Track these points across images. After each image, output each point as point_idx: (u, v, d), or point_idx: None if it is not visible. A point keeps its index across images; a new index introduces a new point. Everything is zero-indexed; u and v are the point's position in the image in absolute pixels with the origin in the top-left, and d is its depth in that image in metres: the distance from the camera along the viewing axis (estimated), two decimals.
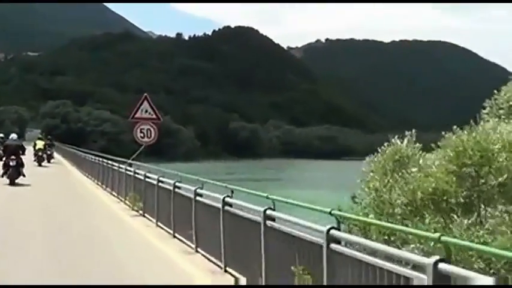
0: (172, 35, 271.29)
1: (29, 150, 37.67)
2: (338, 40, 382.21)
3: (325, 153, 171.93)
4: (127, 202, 19.30)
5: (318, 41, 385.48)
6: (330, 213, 6.39)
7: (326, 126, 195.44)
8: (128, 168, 20.88)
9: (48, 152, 45.43)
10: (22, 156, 27.14)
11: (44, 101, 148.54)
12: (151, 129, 21.14)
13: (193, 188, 11.62)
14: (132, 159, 21.72)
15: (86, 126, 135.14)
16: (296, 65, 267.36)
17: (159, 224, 14.85)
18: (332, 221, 6.28)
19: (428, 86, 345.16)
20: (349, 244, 6.07)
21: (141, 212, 17.17)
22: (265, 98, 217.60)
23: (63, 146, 68.64)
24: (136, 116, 21.02)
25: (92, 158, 33.98)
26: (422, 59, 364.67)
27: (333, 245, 6.04)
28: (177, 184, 13.29)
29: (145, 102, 21.29)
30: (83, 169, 37.22)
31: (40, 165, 41.15)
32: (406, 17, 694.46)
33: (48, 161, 44.72)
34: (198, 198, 11.31)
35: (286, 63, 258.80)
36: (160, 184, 14.88)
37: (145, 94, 22.08)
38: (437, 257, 4.57)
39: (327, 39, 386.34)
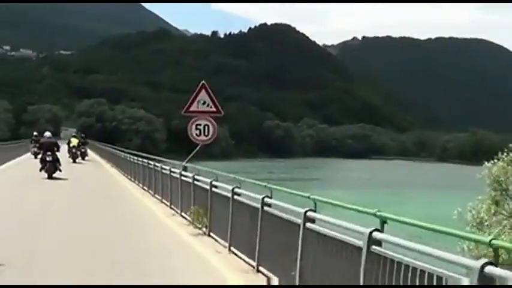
0: (208, 33, 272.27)
1: (64, 148, 39.89)
2: (375, 38, 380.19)
3: (357, 152, 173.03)
4: (184, 215, 16.17)
5: (354, 38, 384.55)
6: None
7: (359, 125, 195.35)
8: (184, 173, 17.05)
9: (82, 150, 47.00)
10: (57, 153, 28.87)
11: (78, 100, 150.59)
12: (210, 125, 18.08)
13: (230, 187, 11.64)
14: (187, 162, 18.18)
15: (120, 125, 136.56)
16: (331, 63, 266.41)
17: (232, 249, 11.42)
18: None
19: (462, 83, 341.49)
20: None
21: (205, 230, 13.71)
22: (300, 96, 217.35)
23: (98, 144, 69.33)
24: (192, 109, 17.98)
25: (133, 159, 31.24)
26: (457, 57, 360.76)
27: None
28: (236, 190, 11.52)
29: (203, 92, 18.14)
30: (124, 170, 35.05)
31: (74, 161, 43.02)
32: (443, 14, 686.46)
33: (83, 158, 46.48)
34: (235, 197, 11.34)
35: (322, 61, 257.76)
36: (235, 197, 11.40)
37: (203, 82, 18.68)
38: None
39: (363, 37, 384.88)
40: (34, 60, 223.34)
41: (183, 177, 17.01)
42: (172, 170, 19.16)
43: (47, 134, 31.31)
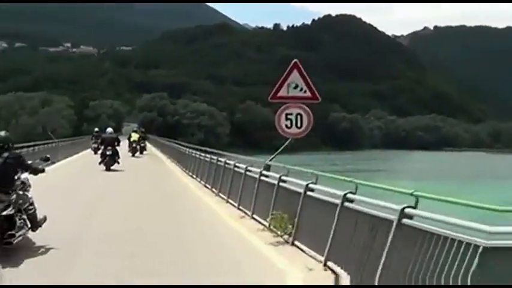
0: (269, 26, 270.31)
1: (125, 143, 44.15)
2: (447, 27, 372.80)
3: (427, 144, 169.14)
4: (257, 218, 14.24)
5: (425, 28, 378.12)
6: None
7: (430, 116, 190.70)
8: (266, 173, 14.75)
9: (142, 144, 48.85)
10: (117, 148, 31.79)
11: (139, 95, 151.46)
12: (303, 115, 15.16)
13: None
14: (272, 159, 15.56)
15: (182, 119, 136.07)
16: (402, 53, 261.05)
17: (329, 264, 9.29)
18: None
19: None
20: None
21: (287, 237, 11.50)
22: (368, 87, 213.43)
23: (159, 139, 68.28)
24: (280, 94, 15.06)
25: (194, 153, 30.12)
26: None
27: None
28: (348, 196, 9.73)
29: (295, 73, 15.17)
30: (184, 166, 33.76)
31: (133, 155, 44.69)
32: None
33: (141, 153, 47.92)
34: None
35: (391, 51, 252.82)
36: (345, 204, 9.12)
37: (295, 60, 15.38)
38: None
39: (435, 27, 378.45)
40: (95, 56, 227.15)
41: (263, 177, 14.75)
42: (249, 168, 16.69)
43: (109, 130, 34.60)
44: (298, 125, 15.10)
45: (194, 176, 27.87)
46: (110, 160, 30.42)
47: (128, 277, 8.63)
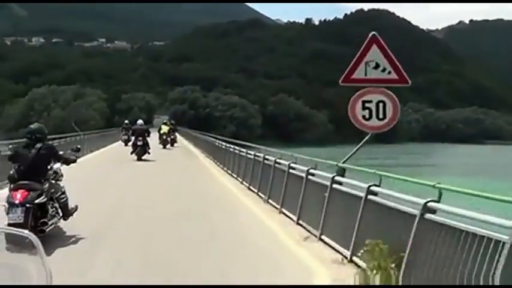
0: (301, 20, 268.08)
1: (156, 135, 44.81)
2: (484, 21, 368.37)
3: (468, 137, 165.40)
4: (329, 242, 10.67)
5: (460, 22, 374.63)
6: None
7: (471, 109, 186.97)
8: (340, 179, 11.21)
9: (172, 137, 49.31)
10: (148, 139, 33.40)
11: (171, 88, 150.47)
12: (387, 102, 11.60)
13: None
14: (345, 161, 12.14)
15: (214, 112, 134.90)
16: (437, 47, 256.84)
17: None
18: None
19: None
20: None
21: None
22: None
23: (191, 131, 67.30)
24: (355, 76, 11.57)
25: (236, 150, 25.66)
26: None
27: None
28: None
29: (374, 49, 11.66)
30: (221, 162, 30.70)
31: (164, 147, 45.30)
32: None
33: (172, 145, 48.38)
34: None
35: (427, 45, 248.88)
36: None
37: (373, 33, 12.09)
38: None
39: (471, 20, 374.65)
40: (129, 51, 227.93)
41: (336, 185, 11.18)
42: (312, 172, 13.14)
43: (140, 121, 36.20)
44: (380, 115, 11.37)
45: (234, 175, 24.32)
46: (141, 150, 32.15)
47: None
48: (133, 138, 34.12)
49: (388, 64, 11.63)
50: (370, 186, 8.75)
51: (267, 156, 18.06)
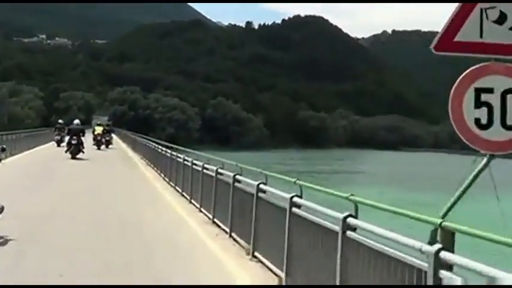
0: (242, 24, 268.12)
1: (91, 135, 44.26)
2: (404, 31, 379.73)
3: (389, 144, 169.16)
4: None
5: (384, 32, 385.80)
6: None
7: (392, 116, 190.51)
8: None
9: (107, 138, 47.97)
10: (83, 138, 34.20)
11: (112, 88, 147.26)
12: None
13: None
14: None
15: (154, 113, 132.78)
16: (364, 56, 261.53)
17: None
18: None
19: None
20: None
21: None
22: (333, 87, 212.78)
23: (129, 133, 65.57)
24: (459, 38, 5.83)
25: (187, 162, 19.26)
26: None
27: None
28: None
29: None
30: (157, 167, 28.07)
31: (99, 149, 44.23)
32: None
33: (107, 146, 47.18)
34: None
35: (355, 53, 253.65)
36: None
37: None
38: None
39: (393, 31, 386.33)
40: (69, 48, 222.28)
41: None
42: (297, 201, 9.09)
43: (76, 121, 36.78)
44: (509, 120, 5.58)
45: (185, 194, 19.15)
46: (75, 149, 32.98)
47: None
48: (67, 137, 34.97)
49: None
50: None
51: (220, 171, 14.44)
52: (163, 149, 27.44)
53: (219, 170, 14.25)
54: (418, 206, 34.33)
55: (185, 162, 19.64)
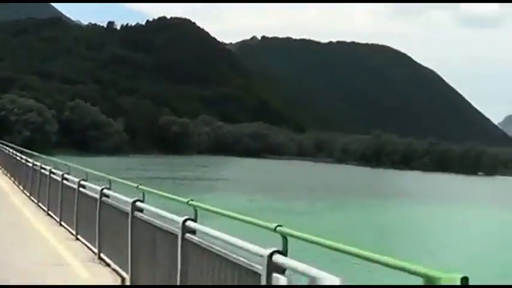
0: (103, 24, 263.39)
1: None
2: (274, 38, 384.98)
3: (253, 151, 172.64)
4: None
5: (253, 38, 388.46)
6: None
7: (257, 124, 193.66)
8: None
9: None
10: None
11: None
12: None
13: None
14: None
15: (10, 115, 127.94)
16: (231, 61, 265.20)
17: None
18: None
19: (363, 88, 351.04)
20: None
21: None
22: (198, 92, 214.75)
23: None
24: None
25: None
26: (359, 61, 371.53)
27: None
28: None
29: None
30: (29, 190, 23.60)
31: None
32: (347, 19, 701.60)
33: None
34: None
35: (222, 58, 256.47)
36: None
37: None
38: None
39: (263, 37, 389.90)
40: None
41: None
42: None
43: None
44: None
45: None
46: None
47: None
48: None
49: None
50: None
51: (66, 176, 15.34)
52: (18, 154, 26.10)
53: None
54: (274, 211, 37.71)
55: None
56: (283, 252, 4.76)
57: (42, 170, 18.55)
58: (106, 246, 10.65)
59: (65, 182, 14.88)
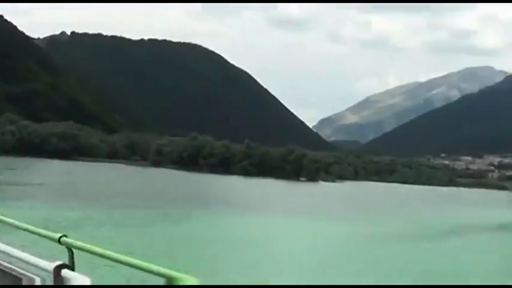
0: None
1: None
2: (85, 34, 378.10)
3: (63, 152, 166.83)
4: None
5: (63, 33, 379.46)
6: None
7: (67, 123, 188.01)
8: None
9: None
10: None
11: None
12: None
13: None
14: None
15: None
16: (38, 56, 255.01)
17: None
18: None
19: (174, 87, 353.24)
20: None
21: None
22: (2, 88, 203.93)
23: None
24: None
25: None
26: (170, 60, 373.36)
27: None
28: None
29: None
30: None
31: None
32: (161, 16, 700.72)
33: None
34: None
35: (28, 53, 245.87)
36: None
37: None
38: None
39: (72, 32, 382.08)
40: None
41: None
42: None
43: None
44: None
45: None
46: None
47: None
48: None
49: None
50: None
51: None
52: None
53: None
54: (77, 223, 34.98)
55: None
56: (70, 266, 4.22)
57: None
58: None
59: None
